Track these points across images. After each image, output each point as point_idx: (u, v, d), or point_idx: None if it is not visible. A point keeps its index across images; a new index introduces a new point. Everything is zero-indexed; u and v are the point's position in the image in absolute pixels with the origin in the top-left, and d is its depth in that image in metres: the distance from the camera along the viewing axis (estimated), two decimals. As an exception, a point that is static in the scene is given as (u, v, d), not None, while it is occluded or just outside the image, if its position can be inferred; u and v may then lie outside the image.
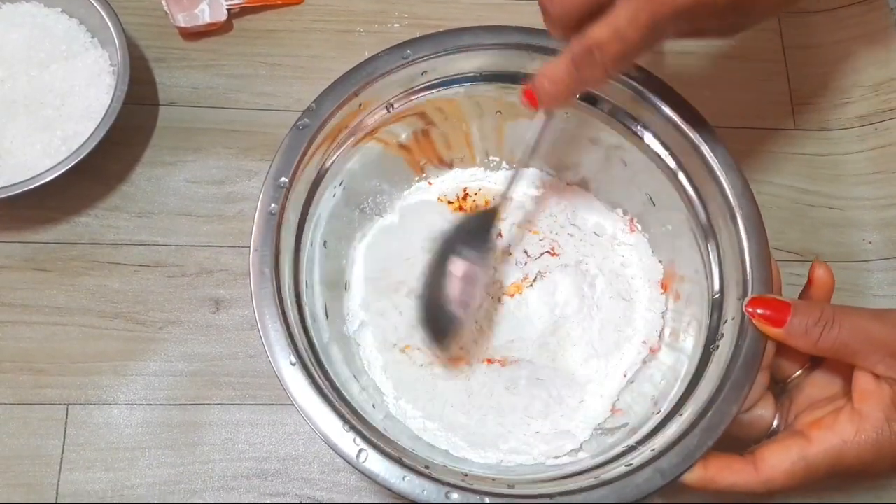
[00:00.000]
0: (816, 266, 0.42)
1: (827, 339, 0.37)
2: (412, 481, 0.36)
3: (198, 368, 0.51)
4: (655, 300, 0.49)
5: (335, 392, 0.40)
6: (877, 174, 0.59)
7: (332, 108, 0.43)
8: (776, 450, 0.38)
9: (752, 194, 0.42)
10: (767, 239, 0.41)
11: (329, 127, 0.44)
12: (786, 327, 0.38)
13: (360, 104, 0.45)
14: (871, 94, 0.61)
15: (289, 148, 0.42)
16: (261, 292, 0.39)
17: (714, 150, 0.43)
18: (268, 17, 0.60)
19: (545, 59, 0.45)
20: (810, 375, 0.42)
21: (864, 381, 0.38)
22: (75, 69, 0.53)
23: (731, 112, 0.60)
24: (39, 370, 0.50)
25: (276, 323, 0.39)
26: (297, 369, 0.38)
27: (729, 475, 0.37)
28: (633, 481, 0.36)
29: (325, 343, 0.43)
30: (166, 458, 0.49)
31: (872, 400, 0.37)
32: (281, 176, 0.42)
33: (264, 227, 0.41)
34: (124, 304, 0.52)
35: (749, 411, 0.41)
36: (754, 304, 0.39)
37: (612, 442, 0.43)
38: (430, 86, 0.46)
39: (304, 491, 0.49)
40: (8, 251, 0.53)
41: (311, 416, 0.37)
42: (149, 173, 0.55)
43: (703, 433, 0.37)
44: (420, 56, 0.45)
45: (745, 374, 0.38)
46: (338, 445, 0.37)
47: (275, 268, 0.40)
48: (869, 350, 0.37)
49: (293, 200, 0.42)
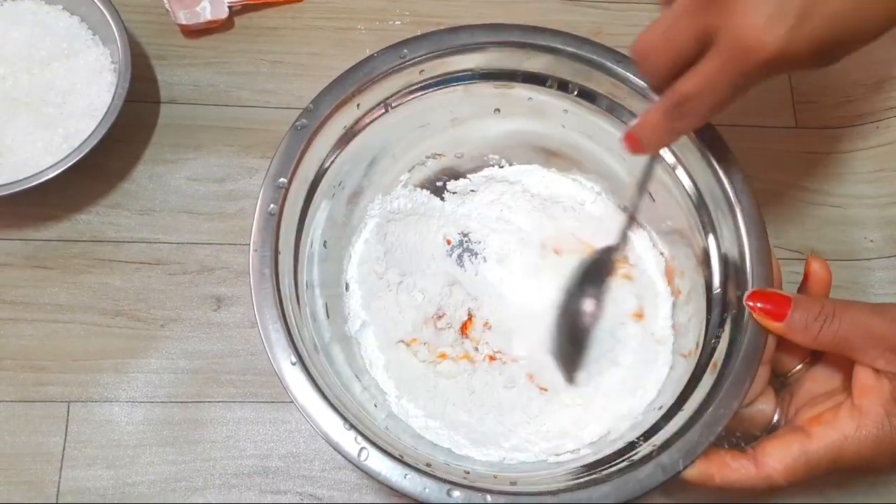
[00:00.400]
0: (812, 260, 0.42)
1: (827, 334, 0.37)
2: (413, 479, 0.36)
3: (199, 366, 0.51)
4: (663, 294, 0.49)
5: (336, 391, 0.40)
6: (878, 172, 0.59)
7: (329, 108, 0.43)
8: (777, 445, 0.38)
9: (752, 190, 0.42)
10: (767, 235, 0.41)
11: (327, 127, 0.44)
12: (786, 321, 0.38)
13: (358, 104, 0.45)
14: (873, 93, 0.61)
15: (287, 148, 0.42)
16: (261, 293, 0.39)
17: (713, 147, 0.43)
18: (269, 14, 0.60)
19: (542, 56, 0.45)
20: (811, 370, 0.42)
21: (864, 375, 0.38)
22: (76, 67, 0.53)
23: (732, 109, 0.59)
24: (41, 368, 0.50)
25: (276, 323, 0.39)
26: (298, 369, 0.38)
27: (729, 471, 0.37)
28: (635, 477, 0.37)
29: (326, 343, 0.44)
30: (167, 456, 0.49)
31: (872, 395, 0.37)
32: (280, 176, 0.42)
33: (264, 228, 0.41)
34: (125, 301, 0.52)
35: (750, 406, 0.41)
36: (755, 298, 0.39)
37: (614, 438, 0.43)
38: (427, 84, 0.46)
39: (304, 489, 0.49)
40: (9, 249, 0.53)
41: (312, 415, 0.37)
42: (150, 171, 0.55)
43: (704, 428, 0.37)
44: (417, 55, 0.45)
45: (745, 370, 0.38)
46: (339, 444, 0.37)
47: (274, 268, 0.40)
48: (869, 345, 0.37)
49: (292, 201, 0.43)
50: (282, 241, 0.41)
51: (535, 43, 0.45)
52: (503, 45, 0.45)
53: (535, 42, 0.45)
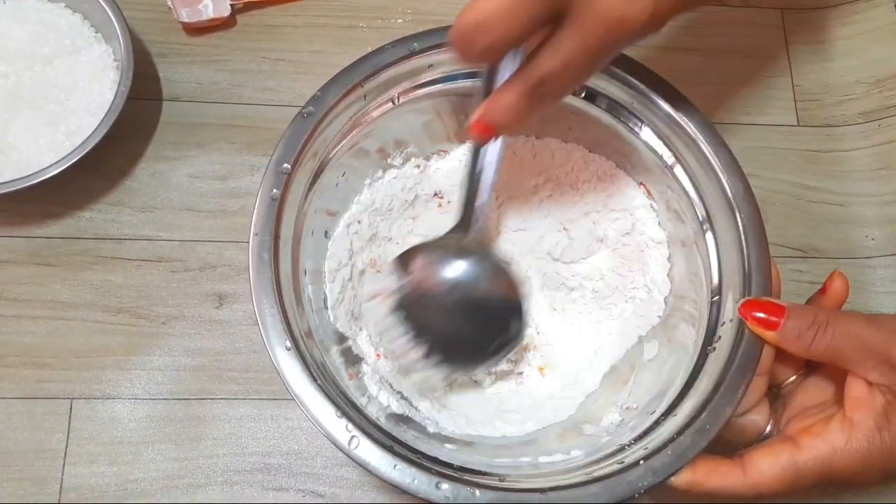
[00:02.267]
0: (836, 276, 0.41)
1: (820, 344, 0.37)
2: (403, 470, 0.36)
3: (201, 363, 0.51)
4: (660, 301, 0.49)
5: (330, 379, 0.39)
6: (880, 171, 0.59)
7: (336, 97, 0.43)
8: (765, 454, 0.37)
9: (753, 194, 0.42)
10: (767, 241, 0.41)
11: (333, 116, 0.43)
12: (779, 330, 0.37)
13: (365, 95, 0.44)
14: (875, 91, 0.61)
15: (292, 135, 0.42)
16: (259, 276, 0.39)
17: (713, 148, 0.43)
18: (271, 12, 0.60)
19: None
20: (804, 382, 0.41)
21: (856, 388, 0.37)
22: (79, 64, 0.53)
23: (734, 108, 0.60)
24: (43, 365, 0.50)
25: (272, 308, 0.39)
26: (292, 354, 0.38)
27: (717, 478, 0.37)
28: (625, 479, 0.36)
29: (321, 331, 0.43)
30: (170, 453, 0.49)
31: (864, 408, 0.37)
32: (283, 162, 0.41)
33: (265, 213, 0.40)
34: (128, 298, 0.52)
35: (743, 416, 0.40)
36: (748, 307, 0.39)
37: (606, 441, 0.43)
38: (436, 80, 0.46)
39: (306, 486, 0.49)
40: (11, 246, 0.53)
41: (305, 401, 0.37)
42: (152, 168, 0.55)
43: (696, 434, 0.37)
44: (427, 49, 0.44)
45: (740, 377, 0.38)
46: (330, 432, 0.37)
47: (274, 253, 0.40)
48: (862, 356, 0.37)
49: (295, 188, 0.42)
50: (283, 227, 0.41)
51: None
52: None
53: None
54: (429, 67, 0.45)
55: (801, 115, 0.61)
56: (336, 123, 0.44)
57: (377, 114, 0.46)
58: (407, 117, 0.48)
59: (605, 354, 0.48)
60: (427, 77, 0.46)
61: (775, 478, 0.37)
